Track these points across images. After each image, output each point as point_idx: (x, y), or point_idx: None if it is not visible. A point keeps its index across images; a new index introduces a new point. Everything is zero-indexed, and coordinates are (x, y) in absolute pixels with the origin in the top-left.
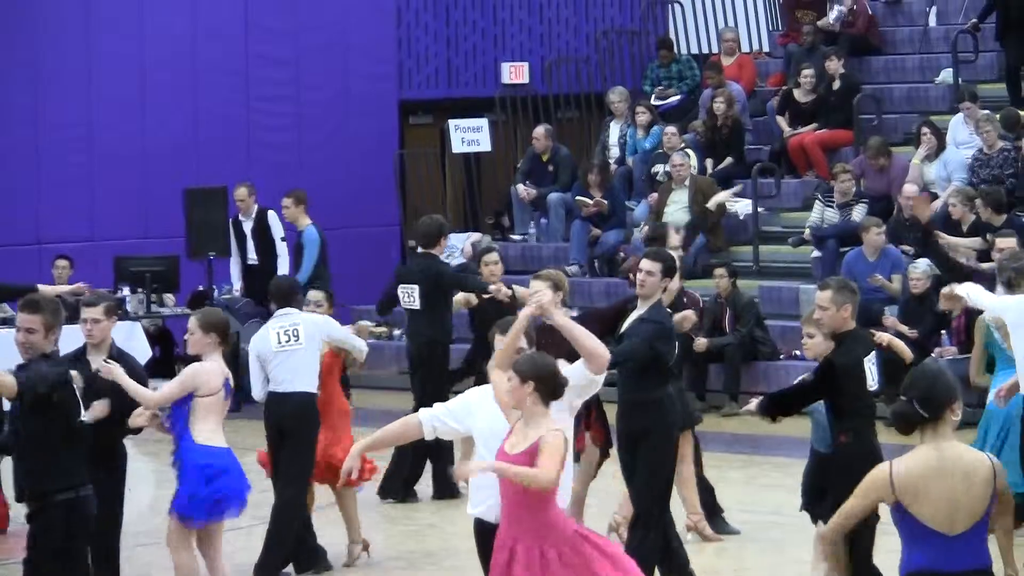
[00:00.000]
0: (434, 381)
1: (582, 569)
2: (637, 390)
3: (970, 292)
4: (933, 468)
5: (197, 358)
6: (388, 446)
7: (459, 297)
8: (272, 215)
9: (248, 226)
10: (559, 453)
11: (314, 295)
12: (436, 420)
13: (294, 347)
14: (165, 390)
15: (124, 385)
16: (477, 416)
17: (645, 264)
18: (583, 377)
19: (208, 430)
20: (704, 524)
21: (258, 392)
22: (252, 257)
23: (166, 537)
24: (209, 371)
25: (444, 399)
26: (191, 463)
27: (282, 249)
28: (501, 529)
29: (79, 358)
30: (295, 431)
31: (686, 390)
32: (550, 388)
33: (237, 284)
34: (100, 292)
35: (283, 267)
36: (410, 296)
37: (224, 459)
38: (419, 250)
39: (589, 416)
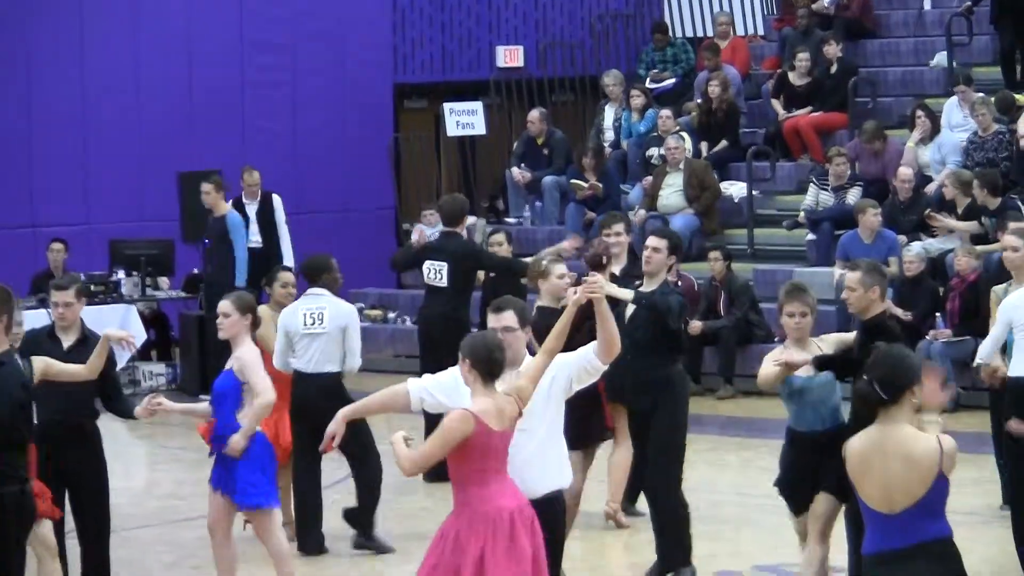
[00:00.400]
0: (454, 360)
1: (451, 561)
2: (648, 368)
3: (987, 351)
4: (876, 449)
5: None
6: (373, 414)
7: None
8: (276, 198)
9: (253, 209)
10: (442, 433)
11: (285, 276)
12: (424, 392)
13: (318, 331)
14: (262, 383)
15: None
16: (465, 393)
17: (651, 241)
18: (589, 363)
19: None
20: (622, 515)
21: (280, 362)
22: (255, 240)
23: (211, 523)
24: (257, 359)
25: None
26: (252, 451)
27: (285, 232)
28: None
29: (51, 335)
30: (326, 412)
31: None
32: (485, 368)
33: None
34: (71, 275)
35: (287, 250)
36: (437, 273)
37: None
38: (441, 228)
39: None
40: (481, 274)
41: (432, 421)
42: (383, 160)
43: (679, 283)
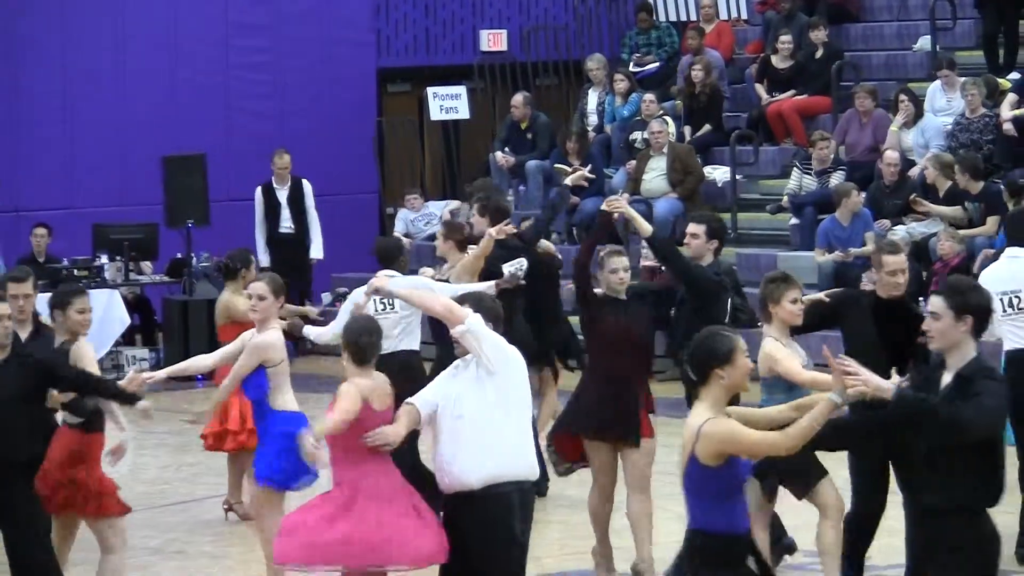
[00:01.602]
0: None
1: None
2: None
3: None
4: (686, 428)
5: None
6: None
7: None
8: (307, 184)
9: (283, 194)
10: (339, 403)
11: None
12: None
13: (389, 314)
14: (240, 371)
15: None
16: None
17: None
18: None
19: (283, 397)
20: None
21: (325, 336)
22: (286, 226)
23: (253, 507)
24: (274, 343)
25: None
26: (276, 430)
27: (315, 219)
28: None
29: None
30: (405, 390)
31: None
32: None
33: (264, 256)
34: (24, 267)
35: (316, 237)
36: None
37: (303, 423)
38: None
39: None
40: None
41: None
42: (366, 144)
43: (663, 267)
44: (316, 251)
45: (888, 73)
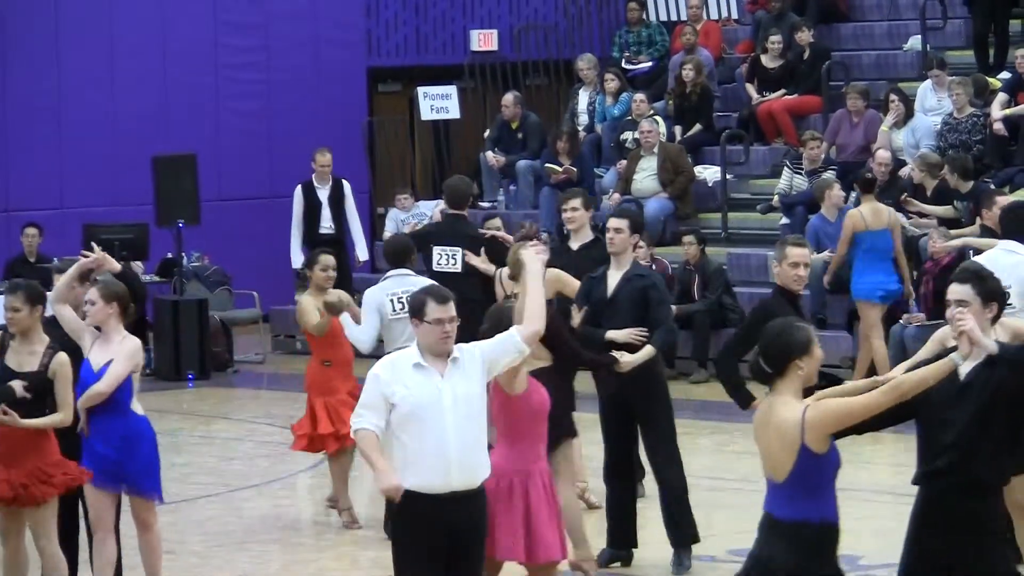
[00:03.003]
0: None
1: None
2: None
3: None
4: (761, 420)
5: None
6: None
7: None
8: (347, 184)
9: (324, 194)
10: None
11: (325, 259)
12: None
13: (403, 315)
14: (119, 370)
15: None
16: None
17: (612, 222)
18: (513, 345)
19: (138, 403)
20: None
21: (367, 338)
22: (327, 226)
23: (98, 513)
24: (138, 348)
25: None
26: (148, 437)
27: (357, 220)
28: None
29: None
30: None
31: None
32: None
33: (299, 256)
34: None
35: (359, 240)
36: (451, 258)
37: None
38: (447, 211)
39: None
40: None
41: None
42: (357, 144)
43: (653, 266)
44: (362, 252)
45: (878, 73)
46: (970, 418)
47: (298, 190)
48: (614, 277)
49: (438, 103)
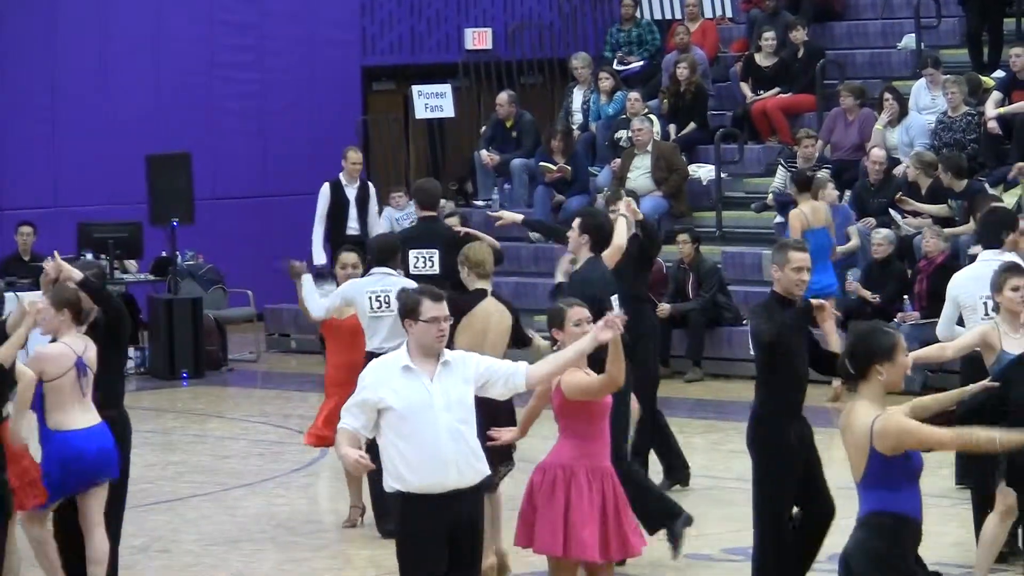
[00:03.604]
0: None
1: None
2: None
3: (941, 330)
4: (842, 423)
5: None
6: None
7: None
8: (371, 185)
9: (352, 193)
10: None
11: (346, 257)
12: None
13: (386, 314)
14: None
15: None
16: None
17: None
18: (512, 380)
19: (60, 415)
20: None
21: (313, 311)
22: (353, 226)
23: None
24: (52, 355)
25: None
26: (44, 450)
27: (378, 221)
28: None
29: None
30: None
31: None
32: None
33: (321, 255)
34: None
35: None
36: (428, 261)
37: (79, 441)
38: (420, 213)
39: None
40: None
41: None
42: (351, 142)
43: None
44: None
45: (873, 71)
46: None
47: (325, 187)
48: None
49: (432, 102)
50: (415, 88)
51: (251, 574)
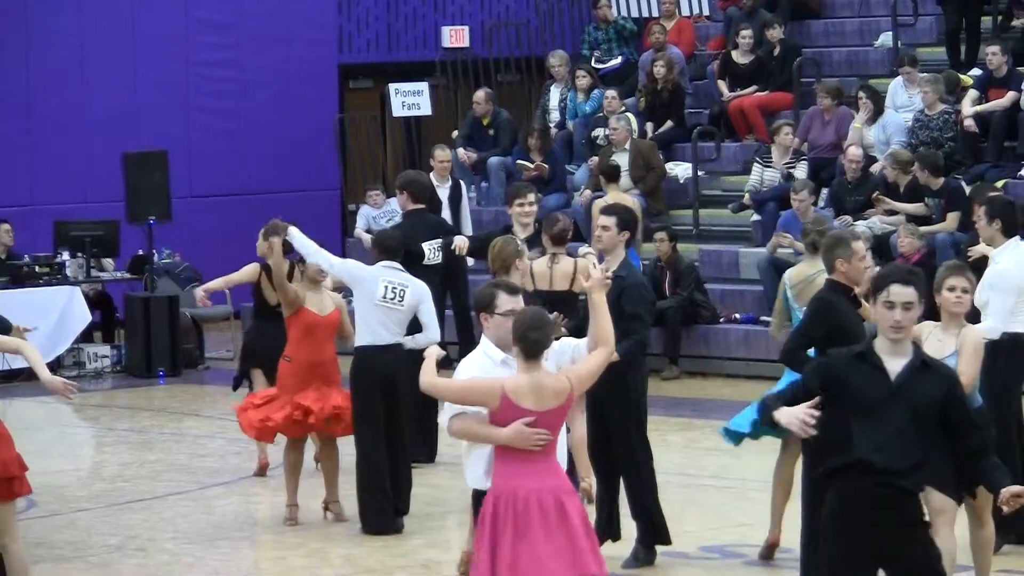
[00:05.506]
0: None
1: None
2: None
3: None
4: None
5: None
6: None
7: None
8: (463, 184)
9: (444, 192)
10: (467, 385)
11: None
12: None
13: (396, 307)
14: None
15: None
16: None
17: (601, 220)
18: (580, 357)
19: None
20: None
21: (325, 264)
22: None
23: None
24: None
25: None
26: None
27: (469, 221)
28: None
29: None
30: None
31: None
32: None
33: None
34: None
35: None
36: (435, 252)
37: None
38: (411, 206)
39: None
40: None
41: None
42: (328, 141)
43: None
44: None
45: (850, 69)
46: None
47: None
48: None
49: (410, 100)
50: (392, 86)
51: (228, 572)
